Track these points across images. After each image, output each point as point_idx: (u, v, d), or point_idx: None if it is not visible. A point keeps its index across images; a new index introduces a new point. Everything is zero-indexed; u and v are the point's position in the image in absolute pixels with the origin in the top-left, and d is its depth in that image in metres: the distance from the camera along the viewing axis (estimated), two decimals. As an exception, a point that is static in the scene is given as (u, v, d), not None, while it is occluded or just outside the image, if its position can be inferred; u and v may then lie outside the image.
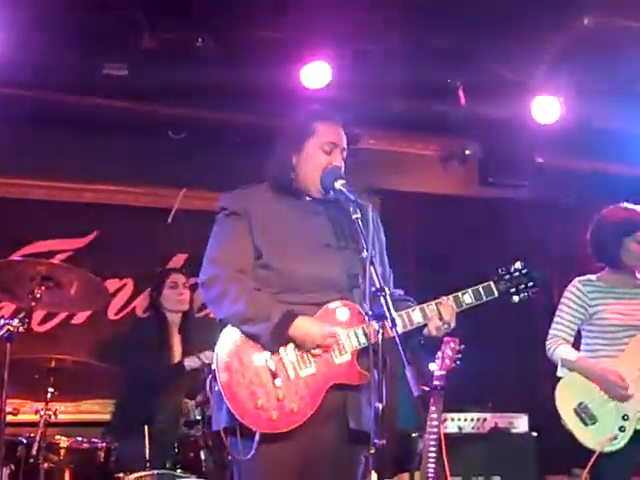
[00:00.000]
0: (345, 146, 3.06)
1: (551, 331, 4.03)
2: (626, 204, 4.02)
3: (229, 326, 2.86)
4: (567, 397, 3.86)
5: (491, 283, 3.01)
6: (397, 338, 2.62)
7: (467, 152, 5.96)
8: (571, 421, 3.80)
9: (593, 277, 4.04)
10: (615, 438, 3.70)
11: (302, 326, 2.80)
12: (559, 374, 3.96)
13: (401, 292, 3.14)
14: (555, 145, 5.89)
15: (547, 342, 4.03)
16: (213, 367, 2.81)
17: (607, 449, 3.70)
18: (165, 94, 5.08)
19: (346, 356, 2.85)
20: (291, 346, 2.83)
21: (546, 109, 5.43)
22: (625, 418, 3.73)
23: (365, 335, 2.85)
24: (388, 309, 2.62)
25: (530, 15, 4.62)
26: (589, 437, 3.75)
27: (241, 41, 4.86)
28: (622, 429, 3.72)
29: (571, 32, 4.84)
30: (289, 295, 2.88)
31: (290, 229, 2.97)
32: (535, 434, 5.14)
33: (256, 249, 2.93)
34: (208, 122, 5.41)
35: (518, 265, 3.03)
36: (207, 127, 5.45)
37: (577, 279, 4.04)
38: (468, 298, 2.99)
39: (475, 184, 6.11)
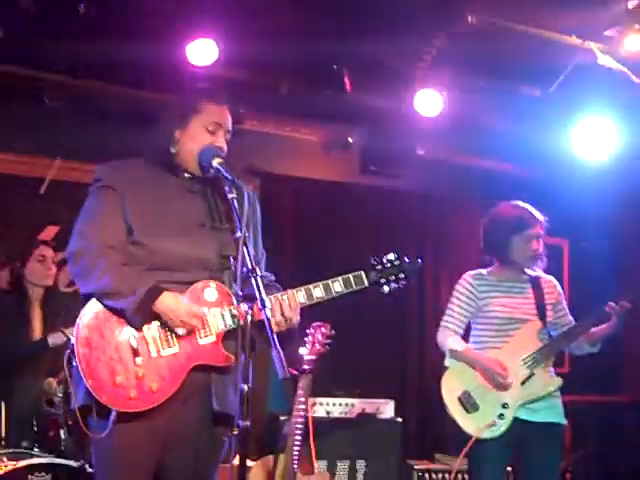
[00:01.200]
0: (230, 128, 3.04)
1: (442, 323, 4.13)
2: (517, 202, 4.12)
3: (92, 300, 2.79)
4: (452, 385, 3.97)
5: (362, 273, 3.03)
6: (266, 320, 2.63)
7: (350, 140, 6.00)
8: (454, 408, 3.91)
9: (484, 271, 4.15)
10: (494, 425, 3.83)
11: (167, 301, 2.75)
12: (446, 364, 4.07)
13: (272, 277, 3.12)
14: (435, 138, 6.01)
15: (438, 333, 4.13)
16: (72, 342, 2.73)
17: (485, 435, 3.82)
18: (43, 60, 4.90)
19: (211, 337, 2.83)
20: (155, 324, 2.78)
21: (429, 102, 5.51)
22: (505, 406, 3.86)
23: (232, 317, 2.83)
24: (259, 290, 2.61)
25: (419, 7, 4.68)
26: (470, 424, 3.86)
27: (127, 10, 4.71)
28: (501, 417, 3.85)
29: (457, 28, 4.93)
30: (158, 273, 2.82)
31: (165, 206, 2.91)
32: (400, 420, 5.24)
33: (127, 225, 2.86)
34: (88, 91, 5.25)
35: (391, 256, 3.06)
36: (87, 97, 5.28)
37: (468, 273, 4.15)
38: (338, 286, 3.00)
39: (356, 172, 6.16)
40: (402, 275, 3.05)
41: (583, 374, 5.73)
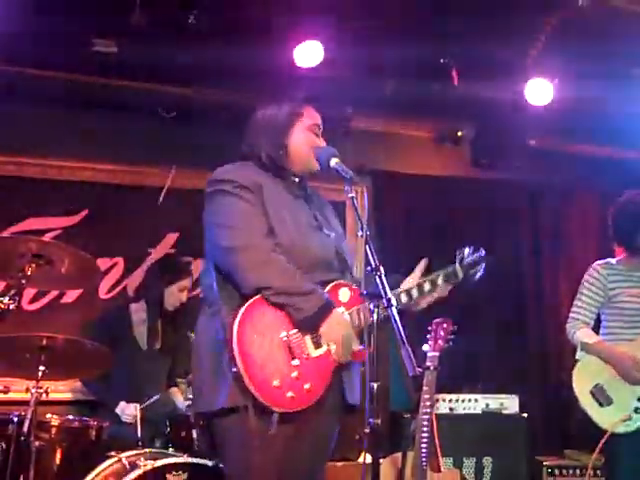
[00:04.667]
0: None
1: (571, 314, 4.06)
2: None
3: (256, 297, 2.78)
4: (584, 378, 3.90)
5: (457, 266, 3.10)
6: (393, 318, 2.64)
7: (460, 134, 5.94)
8: (587, 402, 3.85)
9: (613, 260, 4.07)
10: (629, 419, 3.74)
11: (334, 324, 2.80)
12: (577, 356, 4.01)
13: None
14: (548, 128, 5.88)
15: (567, 325, 4.06)
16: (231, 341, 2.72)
17: (620, 430, 3.75)
18: (155, 72, 5.03)
19: None
20: None
21: (539, 91, 5.40)
22: None
23: (362, 317, 2.88)
24: (383, 288, 2.64)
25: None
26: (604, 418, 3.79)
27: (233, 20, 4.80)
28: (637, 410, 3.77)
29: (566, 12, 4.82)
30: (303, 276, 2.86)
31: (288, 209, 2.96)
32: (525, 415, 5.16)
33: (269, 226, 2.88)
34: (198, 101, 5.37)
35: (467, 252, 3.14)
36: (197, 106, 5.40)
37: (597, 262, 4.07)
38: (433, 282, 3.06)
39: (467, 166, 6.08)
40: (473, 271, 3.13)
41: None
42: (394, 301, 2.68)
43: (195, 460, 3.57)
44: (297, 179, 3.06)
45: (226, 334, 2.73)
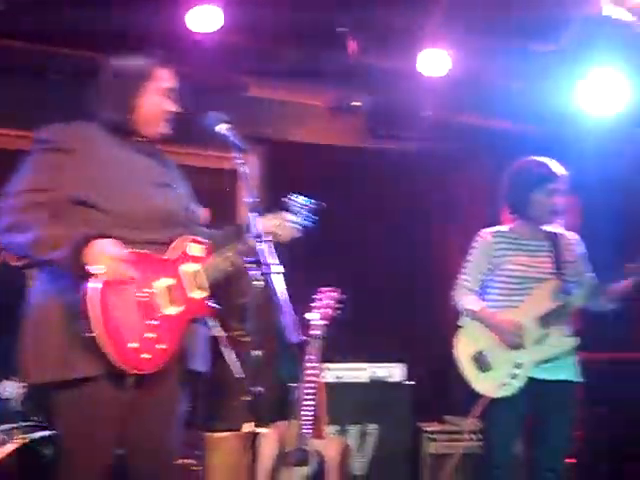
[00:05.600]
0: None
1: (458, 280, 4.09)
2: (537, 157, 4.06)
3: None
4: (466, 345, 3.96)
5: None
6: (273, 285, 2.65)
7: (356, 103, 5.92)
8: (467, 368, 3.91)
9: (502, 228, 4.11)
10: (506, 384, 3.83)
11: (98, 246, 2.68)
12: (460, 323, 4.06)
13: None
14: (443, 99, 5.93)
15: (453, 291, 4.10)
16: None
17: (498, 395, 3.82)
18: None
19: (201, 292, 2.87)
20: (159, 284, 2.78)
21: (435, 62, 5.43)
22: (519, 366, 3.85)
23: (217, 270, 2.90)
24: (263, 256, 2.68)
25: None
26: (483, 383, 3.87)
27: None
28: (515, 376, 3.84)
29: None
30: (126, 232, 2.77)
31: (125, 165, 2.90)
32: (411, 383, 5.24)
33: (77, 185, 2.78)
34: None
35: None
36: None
37: (485, 230, 4.10)
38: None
39: (363, 135, 6.09)
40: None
41: (596, 332, 5.70)
42: (276, 269, 2.69)
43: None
44: (143, 139, 3.00)
45: (74, 296, 2.63)
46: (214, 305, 2.91)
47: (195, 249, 2.91)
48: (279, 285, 2.65)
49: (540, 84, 5.66)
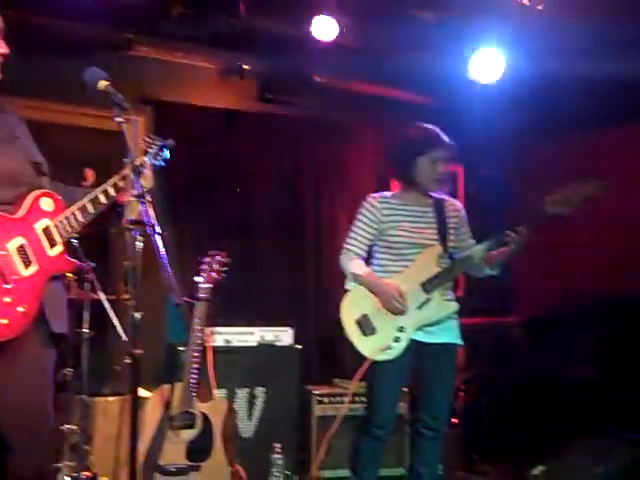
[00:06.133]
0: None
1: (344, 245, 4.11)
2: (423, 124, 4.08)
3: None
4: (351, 308, 4.00)
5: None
6: (156, 244, 2.62)
7: (245, 67, 5.86)
8: (352, 331, 3.95)
9: (388, 194, 4.13)
10: (389, 348, 3.88)
11: None
12: (347, 287, 4.09)
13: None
14: (332, 64, 5.94)
15: (340, 256, 4.11)
16: None
17: (380, 358, 3.88)
18: None
19: (58, 247, 2.80)
20: (11, 245, 2.69)
21: (326, 27, 5.42)
22: (401, 330, 3.91)
23: (71, 223, 2.82)
24: (147, 215, 2.62)
25: None
26: (366, 346, 3.91)
27: None
28: (397, 340, 3.90)
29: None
30: None
31: None
32: (299, 347, 5.29)
33: None
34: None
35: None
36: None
37: (372, 195, 4.11)
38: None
39: (252, 100, 6.04)
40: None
41: (477, 297, 5.89)
42: (159, 228, 2.65)
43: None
44: None
45: None
46: (75, 260, 2.84)
47: (46, 203, 2.81)
48: (161, 246, 2.61)
49: (429, 53, 5.72)
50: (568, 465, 4.14)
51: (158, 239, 2.64)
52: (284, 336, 5.30)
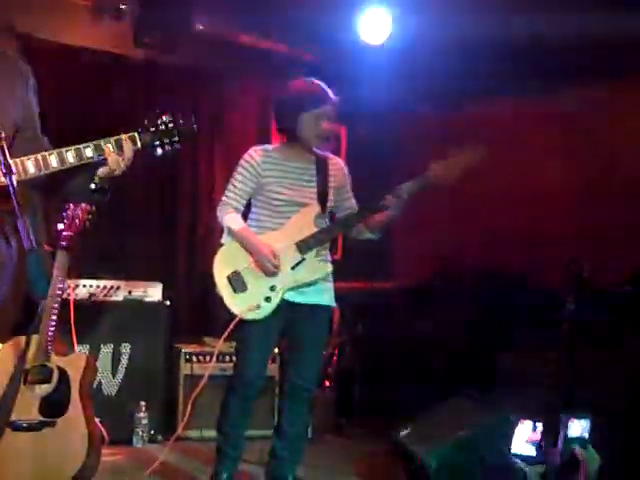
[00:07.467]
0: None
1: (223, 197, 3.95)
2: (311, 79, 3.95)
3: None
4: (224, 264, 3.85)
5: (135, 134, 2.92)
6: (11, 188, 2.47)
7: (122, 7, 5.54)
8: (223, 287, 3.81)
9: (270, 147, 4.00)
10: (258, 307, 3.77)
11: None
12: (222, 241, 3.94)
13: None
14: (215, 13, 5.74)
15: (217, 209, 3.95)
16: None
17: (249, 317, 3.77)
18: None
19: None
20: None
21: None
22: (273, 289, 3.80)
23: None
24: (3, 155, 2.50)
25: None
26: (235, 304, 3.78)
27: None
28: (268, 299, 3.79)
29: None
30: None
31: None
32: (168, 303, 5.13)
33: None
34: None
35: (166, 118, 2.96)
36: None
37: (253, 148, 3.96)
38: (89, 152, 2.87)
39: (129, 43, 5.72)
40: (176, 138, 2.96)
41: (355, 261, 5.86)
42: (15, 169, 2.49)
43: None
44: None
45: None
46: None
47: None
48: (14, 188, 2.44)
49: (316, 10, 5.59)
50: (433, 426, 4.17)
51: (12, 180, 2.45)
52: (153, 291, 5.15)
